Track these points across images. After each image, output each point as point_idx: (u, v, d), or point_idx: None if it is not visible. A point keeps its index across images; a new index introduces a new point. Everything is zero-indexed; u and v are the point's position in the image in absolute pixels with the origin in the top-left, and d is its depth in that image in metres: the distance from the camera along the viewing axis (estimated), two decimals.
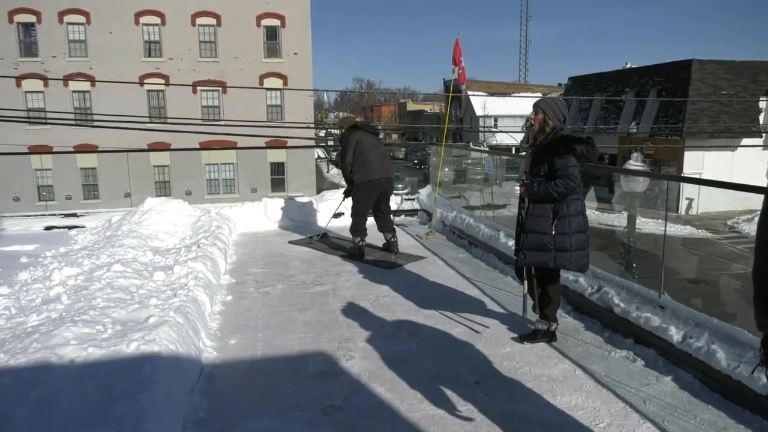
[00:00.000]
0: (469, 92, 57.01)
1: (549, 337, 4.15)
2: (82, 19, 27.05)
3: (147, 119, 25.60)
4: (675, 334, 3.70)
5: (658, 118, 29.02)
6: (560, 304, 4.30)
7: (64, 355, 3.20)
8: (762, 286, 1.92)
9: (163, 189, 24.83)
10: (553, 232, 3.85)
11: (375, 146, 6.63)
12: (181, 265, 5.21)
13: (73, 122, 24.33)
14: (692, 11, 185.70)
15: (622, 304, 4.24)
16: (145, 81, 27.23)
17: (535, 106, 4.01)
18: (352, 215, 6.74)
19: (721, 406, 3.23)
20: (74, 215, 8.85)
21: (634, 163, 13.68)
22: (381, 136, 6.90)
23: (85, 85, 26.80)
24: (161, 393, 3.02)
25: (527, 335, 4.20)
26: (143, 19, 27.58)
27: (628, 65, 36.72)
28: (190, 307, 4.23)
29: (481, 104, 54.67)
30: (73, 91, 27.31)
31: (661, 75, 30.34)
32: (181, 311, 4.05)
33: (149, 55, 27.90)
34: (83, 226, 8.16)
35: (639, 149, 25.04)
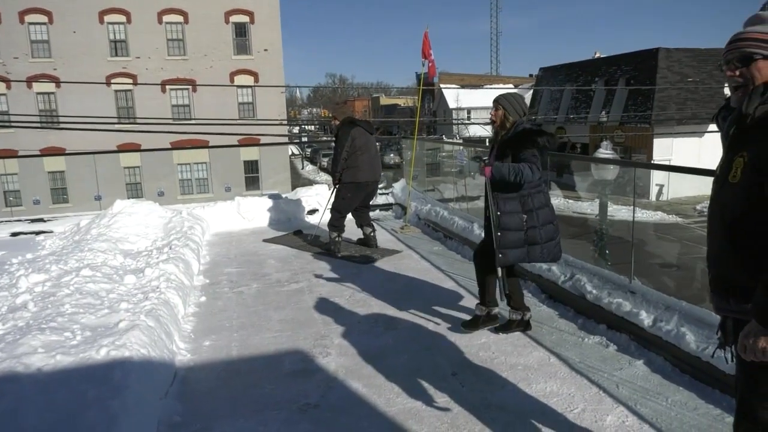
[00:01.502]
0: (441, 85, 57.19)
1: (524, 326, 4.19)
2: (44, 18, 26.34)
3: (115, 120, 25.14)
4: (646, 319, 3.77)
5: (628, 107, 29.48)
6: (522, 292, 4.29)
7: (32, 364, 3.12)
8: (719, 269, 1.95)
9: (135, 191, 24.41)
10: (525, 227, 3.88)
11: (368, 147, 6.57)
12: (153, 268, 5.13)
13: (38, 125, 23.73)
14: (659, 1, 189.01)
15: (594, 291, 4.30)
16: (112, 81, 26.68)
17: (495, 101, 4.04)
18: (332, 210, 6.68)
19: (691, 387, 3.30)
20: (41, 220, 8.64)
21: (605, 151, 13.88)
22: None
23: (49, 87, 26.14)
24: (133, 398, 2.97)
25: (502, 326, 4.23)
26: (108, 18, 26.98)
27: (598, 55, 37.20)
28: (162, 310, 4.17)
29: (454, 97, 54.87)
30: (38, 93, 26.61)
31: (629, 64, 30.81)
32: (153, 314, 3.99)
33: (115, 55, 27.32)
34: (51, 231, 7.96)
35: (609, 137, 25.43)
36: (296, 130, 56.10)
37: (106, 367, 3.14)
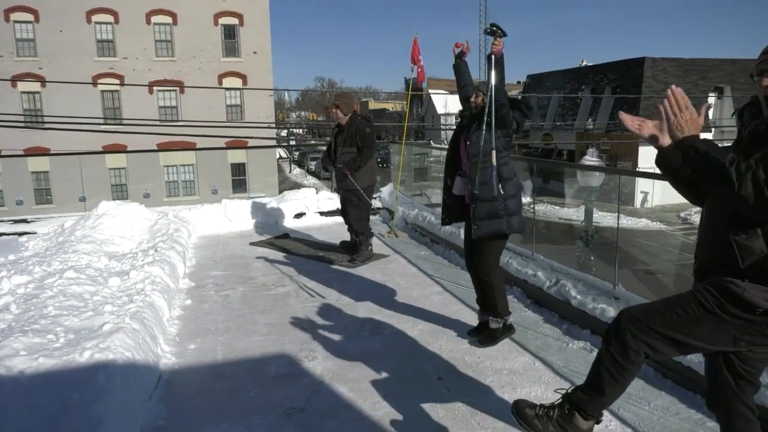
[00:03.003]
0: (430, 90, 57.39)
1: (507, 330, 4.11)
2: (30, 17, 26.07)
3: (101, 120, 24.89)
4: None
5: (614, 114, 29.79)
6: (505, 293, 4.10)
7: (14, 367, 3.08)
8: (710, 257, 2.06)
9: (120, 192, 24.15)
10: (503, 195, 3.79)
11: None
12: (138, 270, 5.09)
13: (22, 124, 23.44)
14: (645, 10, 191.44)
15: (578, 297, 4.34)
16: (99, 81, 26.44)
17: (476, 89, 4.04)
18: (361, 219, 6.41)
19: (673, 391, 3.34)
20: (24, 221, 8.53)
21: (591, 159, 14.02)
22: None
23: (35, 86, 25.86)
24: (117, 402, 2.95)
25: (486, 338, 4.06)
26: (95, 18, 26.77)
27: (584, 63, 37.61)
28: (147, 313, 4.14)
29: (443, 102, 55.11)
30: (23, 92, 26.32)
31: (616, 72, 31.21)
32: (138, 317, 3.96)
33: (103, 55, 27.10)
34: (34, 232, 7.87)
35: (595, 145, 25.67)
36: (284, 133, 55.97)
37: (90, 370, 3.11)
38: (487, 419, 3.14)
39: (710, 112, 29.39)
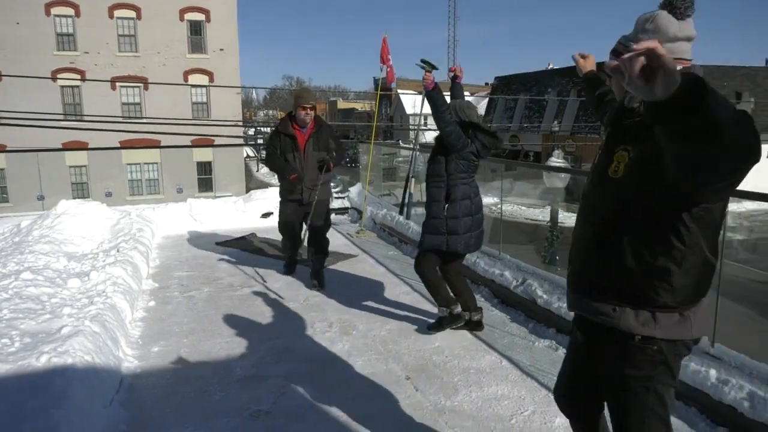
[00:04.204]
0: (399, 90, 57.54)
1: (454, 320, 4.24)
2: None
3: (61, 117, 24.14)
4: None
5: (579, 117, 30.42)
6: (440, 286, 4.27)
7: None
8: (581, 266, 1.91)
9: (81, 191, 23.50)
10: (445, 215, 4.02)
11: None
12: (99, 271, 4.95)
13: None
14: (609, 14, 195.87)
15: (544, 296, 4.40)
16: (59, 76, 25.65)
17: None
18: (327, 227, 5.75)
19: None
20: None
21: (556, 160, 14.27)
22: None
23: None
24: (76, 407, 2.85)
25: (433, 324, 4.31)
26: (55, 10, 25.92)
27: (551, 66, 38.23)
28: (108, 315, 4.02)
29: (411, 102, 55.31)
30: None
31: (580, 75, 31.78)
32: (98, 320, 3.84)
33: (62, 49, 26.26)
34: None
35: (561, 147, 26.13)
36: (252, 131, 55.28)
37: (47, 375, 3.00)
38: (455, 418, 3.15)
39: None
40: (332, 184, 5.81)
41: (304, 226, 5.59)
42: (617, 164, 1.75)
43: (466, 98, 4.50)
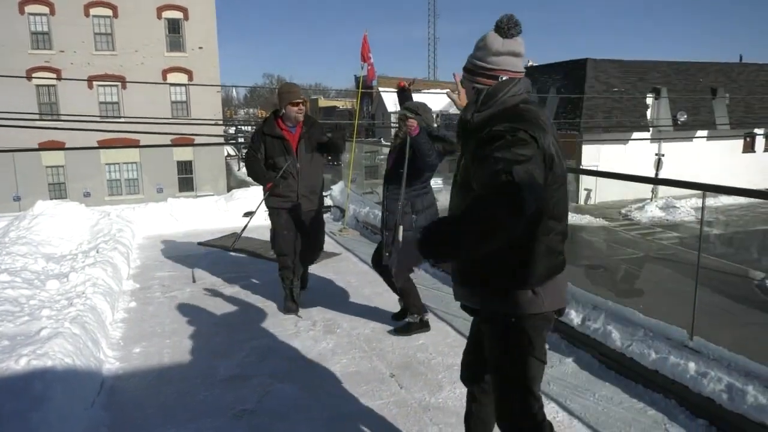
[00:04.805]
0: (380, 88, 57.47)
1: (422, 326, 4.27)
2: None
3: (37, 116, 23.70)
4: (575, 318, 3.93)
5: (558, 114, 30.66)
6: (417, 295, 4.28)
7: None
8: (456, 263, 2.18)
9: (58, 191, 23.13)
10: (415, 228, 3.92)
11: None
12: (78, 272, 4.87)
13: None
14: (588, 13, 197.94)
15: None
16: (34, 75, 25.17)
17: (411, 111, 4.01)
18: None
19: (616, 382, 3.47)
20: None
21: None
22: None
23: None
24: (56, 410, 2.81)
25: (402, 329, 4.30)
26: (29, 9, 25.42)
27: (530, 63, 38.45)
28: (88, 317, 3.97)
29: (393, 100, 55.32)
30: None
31: (560, 72, 32.06)
32: (78, 321, 3.79)
33: (37, 48, 25.78)
34: None
35: None
36: (232, 130, 54.81)
37: (26, 377, 2.96)
38: (439, 415, 3.17)
39: (648, 113, 30.64)
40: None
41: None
42: (459, 170, 2.12)
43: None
